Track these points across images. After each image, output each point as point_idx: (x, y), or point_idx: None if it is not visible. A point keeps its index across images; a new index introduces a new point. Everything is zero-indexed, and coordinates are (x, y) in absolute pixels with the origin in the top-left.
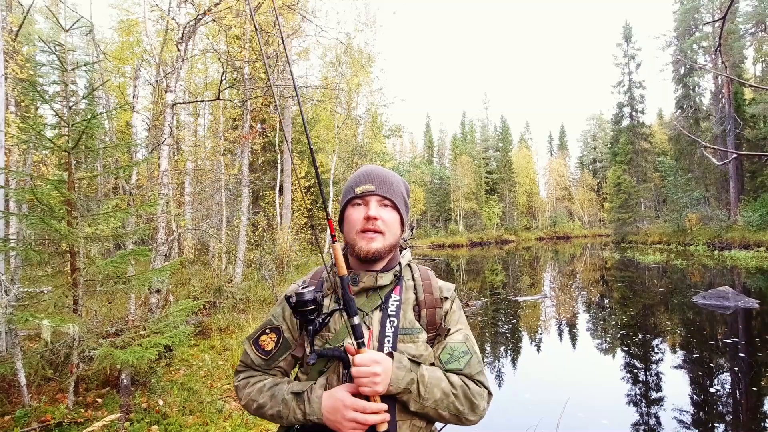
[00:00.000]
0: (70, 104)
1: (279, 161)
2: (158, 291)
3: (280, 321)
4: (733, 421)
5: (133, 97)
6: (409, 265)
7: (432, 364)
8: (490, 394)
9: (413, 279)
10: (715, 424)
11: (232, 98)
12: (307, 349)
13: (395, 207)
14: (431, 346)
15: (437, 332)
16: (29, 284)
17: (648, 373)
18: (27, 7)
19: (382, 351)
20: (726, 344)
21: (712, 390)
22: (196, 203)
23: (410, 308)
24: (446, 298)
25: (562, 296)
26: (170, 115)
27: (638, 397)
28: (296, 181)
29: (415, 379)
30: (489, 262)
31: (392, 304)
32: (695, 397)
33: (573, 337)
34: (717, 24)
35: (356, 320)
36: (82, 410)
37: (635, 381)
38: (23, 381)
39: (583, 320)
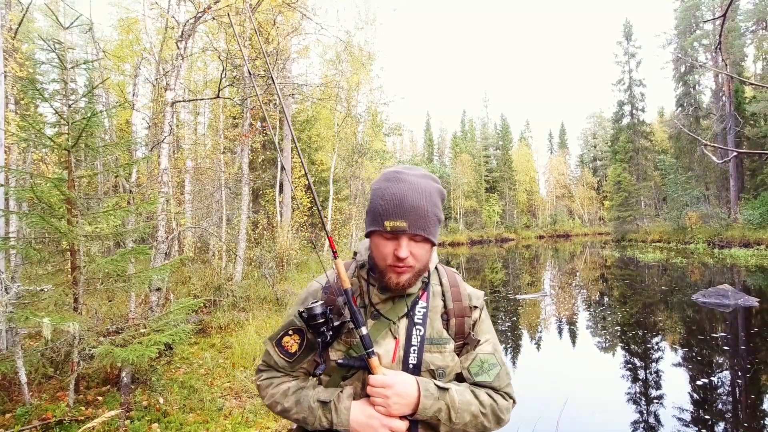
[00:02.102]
0: (70, 102)
1: (279, 159)
2: (158, 289)
3: (301, 322)
4: (733, 419)
5: (133, 95)
6: (437, 268)
7: (459, 374)
8: (515, 403)
9: (441, 284)
10: (715, 422)
11: (232, 96)
12: (319, 361)
13: (428, 240)
14: (458, 355)
15: (465, 341)
16: (29, 282)
17: (648, 371)
18: (26, 4)
19: (408, 361)
20: (726, 342)
21: (711, 388)
22: (196, 201)
23: (438, 316)
24: (476, 306)
25: (562, 294)
26: (170, 113)
27: (638, 395)
28: (296, 180)
29: (443, 407)
30: (489, 260)
31: (419, 312)
32: (695, 395)
33: (573, 335)
34: (717, 22)
35: (364, 331)
36: (83, 408)
37: (635, 379)
38: (24, 379)
39: (583, 318)
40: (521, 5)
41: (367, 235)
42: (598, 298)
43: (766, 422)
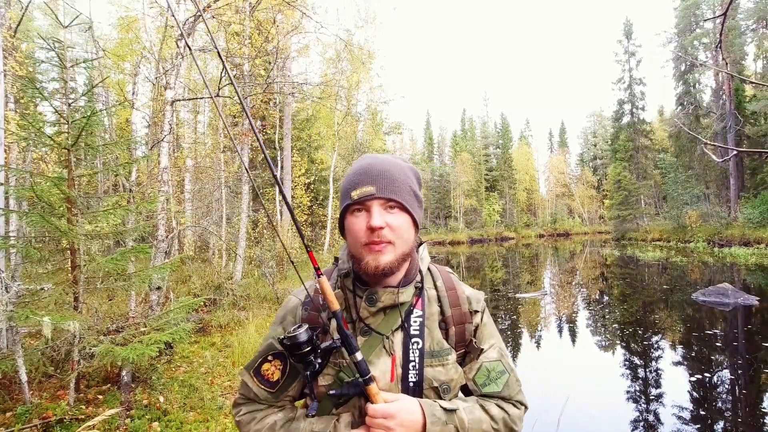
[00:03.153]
0: (70, 101)
1: (279, 158)
2: (158, 288)
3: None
4: (732, 417)
5: (133, 94)
6: (429, 269)
7: (464, 386)
8: (527, 409)
9: (436, 288)
10: (714, 421)
11: (232, 95)
12: (310, 397)
13: (404, 208)
14: (461, 365)
15: (467, 349)
16: (30, 281)
17: (648, 370)
18: (26, 3)
19: (408, 379)
20: (725, 341)
21: (711, 386)
22: (196, 200)
23: (436, 325)
24: (476, 311)
25: (562, 293)
26: (170, 112)
27: (638, 393)
28: (296, 179)
29: (456, 429)
30: (489, 259)
31: (414, 322)
32: (694, 393)
33: (573, 334)
34: (718, 21)
35: (359, 356)
36: (83, 407)
37: (635, 378)
38: (24, 378)
39: (583, 317)
40: (521, 4)
41: (342, 228)
42: (598, 297)
43: (765, 421)
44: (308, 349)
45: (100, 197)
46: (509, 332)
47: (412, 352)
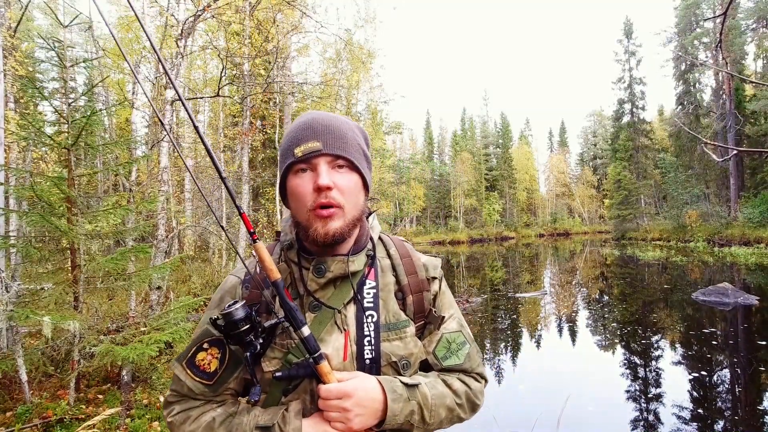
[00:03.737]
0: (70, 101)
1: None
2: (158, 288)
3: (217, 331)
4: (732, 417)
5: (133, 93)
6: (380, 238)
7: (424, 360)
8: (486, 382)
9: (389, 256)
10: (714, 420)
11: (232, 95)
12: (254, 381)
13: (353, 167)
14: (420, 339)
15: (426, 320)
16: (30, 281)
17: (647, 370)
18: (25, 3)
19: (363, 356)
20: (725, 341)
21: (711, 386)
22: (196, 200)
23: (392, 296)
24: (434, 278)
25: (562, 293)
26: (170, 111)
27: (638, 393)
28: None
29: (415, 409)
30: (489, 258)
31: (368, 293)
32: (694, 393)
33: (573, 334)
34: (718, 20)
35: (306, 331)
36: (83, 406)
37: (635, 377)
38: (24, 378)
39: (583, 317)
40: (521, 4)
41: (283, 194)
42: (598, 297)
43: (765, 420)
44: (247, 327)
45: (100, 197)
46: (509, 332)
47: (367, 326)
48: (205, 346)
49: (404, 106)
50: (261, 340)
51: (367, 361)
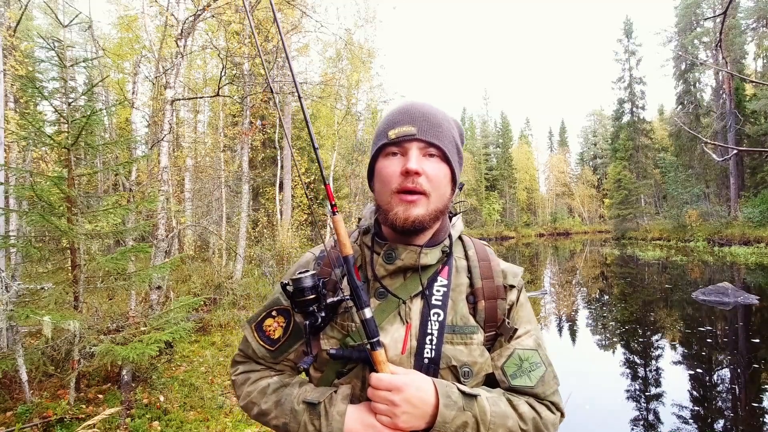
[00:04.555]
0: (70, 101)
1: (279, 157)
2: (158, 287)
3: (288, 301)
4: (732, 416)
5: (133, 93)
6: (461, 238)
7: (489, 374)
8: (563, 416)
9: (467, 258)
10: (714, 420)
11: (232, 94)
12: (307, 351)
13: (444, 157)
14: (488, 350)
15: (497, 331)
16: (30, 281)
17: (647, 369)
18: (25, 2)
19: (422, 354)
20: (725, 340)
21: (711, 386)
22: (196, 200)
23: (462, 298)
24: (512, 286)
25: (562, 292)
26: (170, 111)
27: (638, 392)
28: (296, 178)
29: (470, 422)
30: None
31: (438, 291)
32: (694, 392)
33: (573, 333)
34: (718, 19)
35: (368, 313)
36: (84, 406)
37: (635, 376)
38: (24, 377)
39: (582, 316)
40: (521, 3)
41: (370, 177)
42: (598, 296)
43: (765, 420)
44: (312, 296)
45: (100, 196)
46: None
47: (431, 324)
48: (274, 313)
49: None
50: (323, 314)
51: (426, 360)
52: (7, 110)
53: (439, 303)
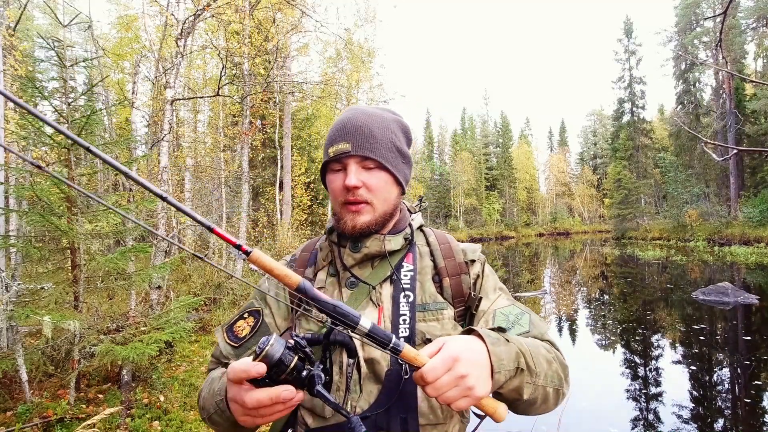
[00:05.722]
0: (69, 100)
1: (279, 157)
2: (158, 287)
3: (261, 303)
4: (732, 416)
5: (132, 93)
6: (421, 229)
7: None
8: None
9: (428, 244)
10: (714, 420)
11: (232, 94)
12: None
13: (382, 166)
14: (460, 325)
15: (467, 305)
16: (30, 281)
17: (647, 369)
18: (24, 2)
19: (397, 333)
20: (725, 340)
21: (711, 385)
22: (196, 199)
23: (429, 279)
24: (473, 261)
25: (562, 292)
26: (170, 111)
27: (638, 392)
28: (296, 178)
29: (520, 350)
30: (489, 258)
31: (405, 276)
32: (694, 392)
33: (573, 333)
34: (718, 19)
35: (366, 324)
36: (84, 406)
37: (635, 376)
38: (24, 377)
39: (582, 316)
40: (522, 4)
41: (325, 184)
42: (597, 296)
43: (765, 419)
44: (296, 360)
45: (100, 196)
46: None
47: (404, 306)
48: (246, 315)
49: (404, 105)
50: (322, 366)
51: (401, 339)
52: (7, 110)
53: (408, 286)
